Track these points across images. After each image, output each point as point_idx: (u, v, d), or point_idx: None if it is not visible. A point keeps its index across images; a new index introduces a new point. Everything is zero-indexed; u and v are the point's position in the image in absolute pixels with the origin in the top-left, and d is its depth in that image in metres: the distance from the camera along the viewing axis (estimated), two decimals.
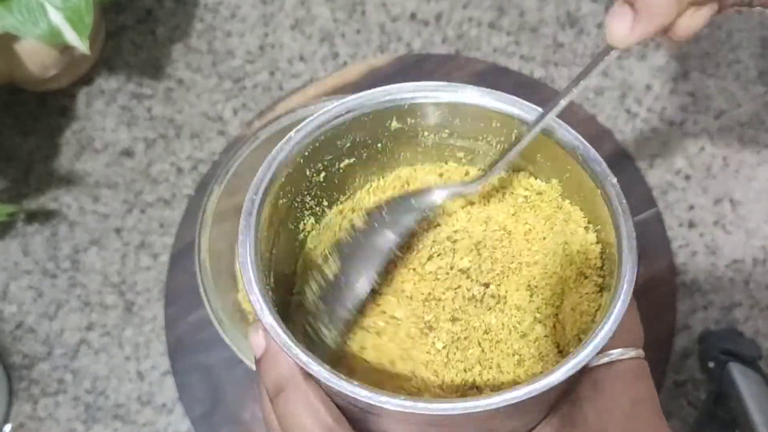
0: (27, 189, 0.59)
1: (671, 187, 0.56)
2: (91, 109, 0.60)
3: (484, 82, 0.57)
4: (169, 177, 0.58)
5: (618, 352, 0.25)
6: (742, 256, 0.54)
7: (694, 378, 0.52)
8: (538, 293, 0.31)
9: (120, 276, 0.57)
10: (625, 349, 0.26)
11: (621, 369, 0.25)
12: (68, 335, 0.56)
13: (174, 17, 0.62)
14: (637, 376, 0.25)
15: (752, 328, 0.53)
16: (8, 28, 0.48)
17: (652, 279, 0.53)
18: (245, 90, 0.60)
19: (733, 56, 0.58)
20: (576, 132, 0.32)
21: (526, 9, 0.60)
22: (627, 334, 0.26)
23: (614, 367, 0.25)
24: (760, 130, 0.56)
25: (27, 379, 0.55)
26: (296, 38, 0.61)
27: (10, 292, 0.57)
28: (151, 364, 0.55)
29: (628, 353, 0.26)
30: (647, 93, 0.57)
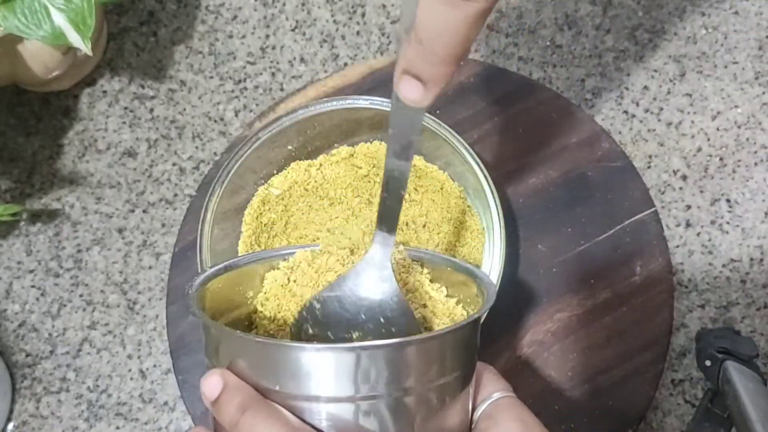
0: (30, 189, 0.59)
1: (668, 187, 0.56)
2: (94, 110, 0.61)
3: (484, 83, 0.57)
4: (171, 177, 0.59)
5: (498, 394, 0.34)
6: (739, 255, 0.54)
7: (691, 376, 0.53)
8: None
9: (122, 275, 0.57)
10: (501, 392, 0.34)
11: (503, 403, 0.34)
12: (71, 334, 0.56)
13: (176, 19, 0.62)
14: (516, 405, 0.33)
15: (749, 327, 0.53)
16: (12, 29, 0.48)
17: (650, 278, 0.53)
18: (246, 91, 0.60)
19: (730, 57, 0.58)
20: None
21: (524, 11, 0.60)
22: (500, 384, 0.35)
23: (498, 402, 0.34)
24: (756, 130, 0.57)
25: (30, 377, 0.56)
26: (297, 40, 0.61)
27: (13, 291, 0.57)
28: (153, 363, 0.55)
29: (504, 394, 0.34)
30: (644, 94, 0.58)
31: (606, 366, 0.52)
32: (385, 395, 0.30)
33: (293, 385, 0.30)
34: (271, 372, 0.30)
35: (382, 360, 0.30)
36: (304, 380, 0.30)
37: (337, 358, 0.29)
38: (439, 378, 0.31)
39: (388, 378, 0.30)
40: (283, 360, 0.30)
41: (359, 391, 0.30)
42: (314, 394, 0.30)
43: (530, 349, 0.52)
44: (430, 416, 0.32)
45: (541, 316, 0.53)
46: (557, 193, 0.55)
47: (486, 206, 0.49)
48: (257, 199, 0.53)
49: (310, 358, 0.30)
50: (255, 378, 0.31)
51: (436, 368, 0.31)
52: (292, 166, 0.54)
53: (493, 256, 0.48)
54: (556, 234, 0.54)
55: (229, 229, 0.52)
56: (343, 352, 0.29)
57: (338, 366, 0.29)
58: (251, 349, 0.31)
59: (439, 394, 0.32)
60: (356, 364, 0.29)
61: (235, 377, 0.31)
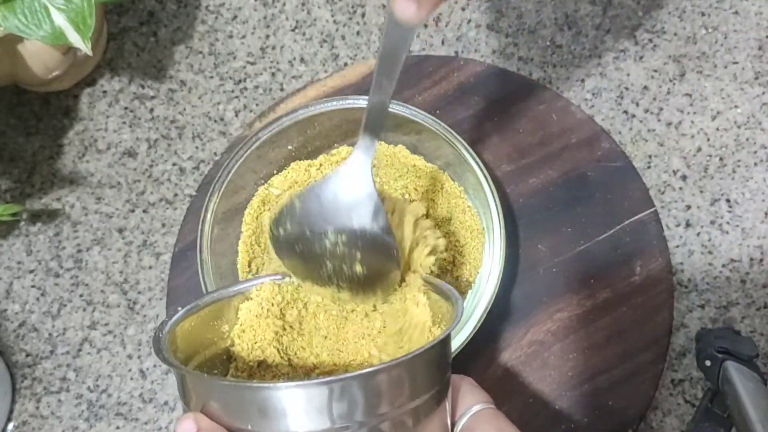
0: (30, 189, 0.59)
1: (668, 187, 0.56)
2: (94, 110, 0.61)
3: (483, 83, 0.58)
4: (171, 177, 0.59)
5: (477, 407, 0.35)
6: (739, 255, 0.54)
7: (691, 376, 0.53)
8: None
9: (122, 275, 0.57)
10: (481, 404, 0.35)
11: (483, 415, 0.34)
12: (71, 334, 0.56)
13: (176, 19, 0.62)
14: (495, 416, 0.34)
15: (749, 327, 0.53)
16: (12, 29, 0.49)
17: (650, 278, 0.53)
18: (246, 91, 0.60)
19: (730, 57, 0.58)
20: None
21: (524, 11, 0.60)
22: (479, 396, 0.35)
23: (477, 415, 0.34)
24: (756, 130, 0.57)
25: (30, 377, 0.56)
26: (297, 40, 0.61)
27: (13, 291, 0.57)
28: (153, 363, 0.55)
29: (483, 406, 0.35)
30: (644, 94, 0.58)
31: (606, 366, 0.52)
32: (360, 424, 0.30)
33: (266, 424, 0.30)
34: (243, 412, 0.30)
35: (353, 390, 0.30)
36: (277, 418, 0.30)
37: (308, 394, 0.29)
38: (413, 400, 0.32)
39: (361, 407, 0.30)
40: (253, 400, 0.30)
41: (334, 423, 0.30)
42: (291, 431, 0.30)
43: (530, 349, 0.52)
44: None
45: (541, 316, 0.53)
46: (557, 193, 0.55)
47: (486, 206, 0.49)
48: (257, 199, 0.53)
49: (280, 397, 0.30)
50: (228, 419, 0.31)
51: (409, 391, 0.31)
52: (292, 166, 0.54)
53: (493, 256, 0.48)
54: (556, 234, 0.54)
55: (229, 229, 0.52)
56: (314, 387, 0.29)
57: (309, 401, 0.29)
58: (221, 391, 0.31)
59: (414, 416, 0.32)
60: (328, 398, 0.29)
61: (207, 421, 0.31)
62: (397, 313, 0.42)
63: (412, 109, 0.50)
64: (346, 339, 0.42)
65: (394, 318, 0.42)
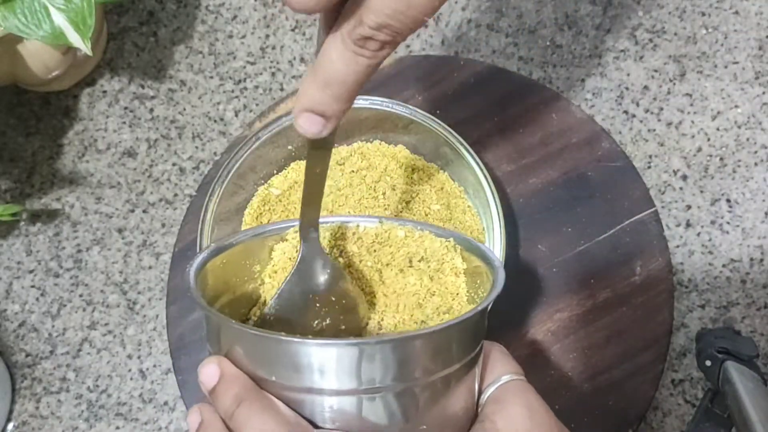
0: (30, 189, 0.59)
1: (668, 187, 0.56)
2: (94, 110, 0.61)
3: (483, 83, 0.57)
4: (171, 177, 0.59)
5: (507, 377, 0.34)
6: (739, 255, 0.54)
7: (691, 376, 0.53)
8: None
9: (122, 275, 0.57)
10: (510, 375, 0.34)
11: (511, 386, 0.33)
12: (71, 334, 0.56)
13: (176, 19, 0.62)
14: (524, 389, 0.33)
15: (749, 327, 0.53)
16: (12, 29, 0.49)
17: (650, 278, 0.53)
18: (246, 91, 0.60)
19: (730, 57, 0.58)
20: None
21: (524, 11, 0.60)
22: (509, 366, 0.35)
23: (506, 386, 0.33)
24: (756, 130, 0.57)
25: (30, 377, 0.56)
26: (297, 40, 0.61)
27: (13, 291, 0.57)
28: (153, 363, 0.55)
29: (513, 377, 0.34)
30: (645, 94, 0.58)
31: (606, 366, 0.52)
32: (390, 388, 0.30)
33: (292, 377, 0.30)
34: (269, 363, 0.30)
35: (386, 354, 0.29)
36: (304, 373, 0.30)
37: (339, 354, 0.29)
38: (445, 368, 0.31)
39: (393, 372, 0.30)
40: (281, 352, 0.30)
41: (361, 384, 0.29)
42: (315, 387, 0.30)
43: (530, 349, 0.52)
44: (435, 404, 0.31)
45: (541, 316, 0.53)
46: (557, 193, 0.55)
47: (486, 206, 0.49)
48: (257, 199, 0.53)
49: (310, 353, 0.29)
50: (252, 367, 0.31)
51: (441, 359, 0.31)
52: (292, 166, 0.54)
53: None
54: (556, 234, 0.54)
55: (229, 229, 0.52)
56: (345, 347, 0.29)
57: (340, 361, 0.29)
58: (249, 339, 0.31)
59: (444, 383, 0.31)
60: (358, 359, 0.29)
61: (231, 367, 0.31)
62: (435, 274, 0.41)
63: (412, 109, 0.50)
64: (381, 293, 0.42)
65: (429, 277, 0.41)
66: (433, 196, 0.53)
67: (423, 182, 0.53)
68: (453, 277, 0.41)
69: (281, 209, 0.53)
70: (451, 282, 0.41)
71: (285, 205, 0.53)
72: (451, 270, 0.41)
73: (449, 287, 0.41)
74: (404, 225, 0.43)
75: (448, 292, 0.41)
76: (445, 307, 0.40)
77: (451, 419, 0.32)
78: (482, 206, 0.51)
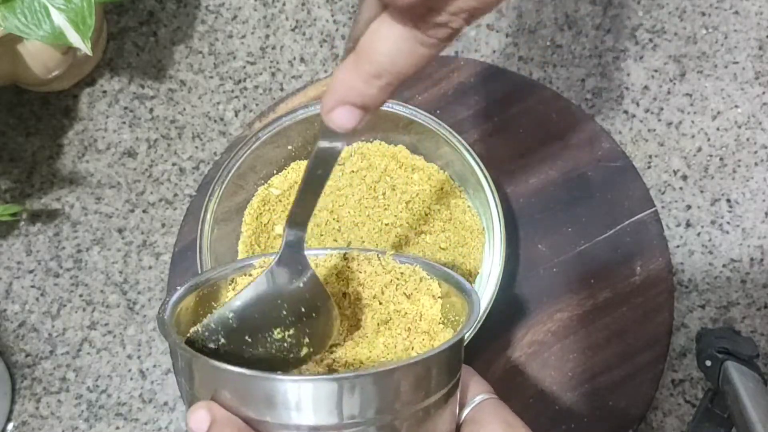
0: (30, 189, 0.59)
1: (668, 187, 0.56)
2: (94, 110, 0.61)
3: (483, 83, 0.57)
4: (171, 177, 0.59)
5: (479, 397, 0.35)
6: (739, 255, 0.54)
7: (691, 376, 0.53)
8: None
9: (122, 275, 0.57)
10: (483, 395, 0.35)
11: (486, 406, 0.34)
12: (71, 334, 0.56)
13: (176, 19, 0.62)
14: (499, 407, 0.34)
15: (749, 327, 0.53)
16: (12, 29, 0.48)
17: (650, 278, 0.53)
18: (246, 91, 0.60)
19: (730, 57, 0.58)
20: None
21: (524, 11, 0.60)
22: (481, 386, 0.35)
23: (480, 406, 0.34)
24: (756, 130, 0.57)
25: (30, 377, 0.56)
26: (297, 40, 0.61)
27: (13, 291, 0.57)
28: (153, 363, 0.55)
29: (485, 396, 0.35)
30: (645, 94, 0.58)
31: (606, 366, 0.52)
32: (370, 421, 0.30)
33: (282, 415, 0.30)
34: (259, 403, 0.30)
35: (364, 388, 0.29)
36: (293, 411, 0.29)
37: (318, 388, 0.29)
38: (426, 398, 0.31)
39: (373, 404, 0.30)
40: (273, 391, 0.30)
41: (343, 419, 0.30)
42: (304, 424, 0.30)
43: (530, 349, 0.52)
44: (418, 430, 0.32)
45: (541, 316, 0.53)
46: (557, 193, 0.55)
47: (486, 206, 0.49)
48: (257, 199, 0.53)
49: (299, 389, 0.29)
50: (241, 408, 0.30)
51: (424, 390, 0.31)
52: (292, 166, 0.54)
53: (493, 256, 0.48)
54: (556, 234, 0.54)
55: (229, 229, 0.52)
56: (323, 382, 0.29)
57: (319, 396, 0.29)
58: (240, 381, 0.30)
59: (425, 412, 0.32)
60: (338, 394, 0.29)
61: (222, 410, 0.30)
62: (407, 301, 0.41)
63: (412, 109, 0.50)
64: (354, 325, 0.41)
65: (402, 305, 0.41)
66: (433, 196, 0.53)
67: (423, 182, 0.53)
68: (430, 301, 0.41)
69: (281, 209, 0.53)
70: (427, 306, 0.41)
71: (285, 205, 0.53)
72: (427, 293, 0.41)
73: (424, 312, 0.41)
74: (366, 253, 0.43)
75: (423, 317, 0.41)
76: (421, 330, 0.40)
77: None
78: (482, 206, 0.51)
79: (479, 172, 0.49)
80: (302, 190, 0.34)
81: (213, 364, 0.31)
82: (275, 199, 0.53)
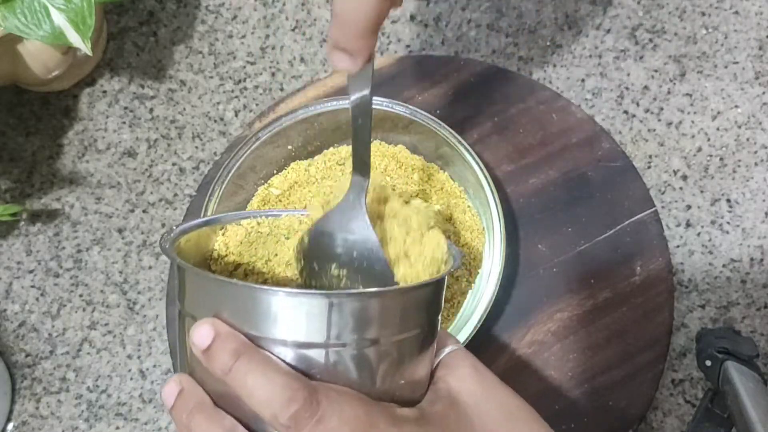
0: (30, 189, 0.59)
1: (668, 187, 0.56)
2: (94, 110, 0.61)
3: (483, 83, 0.57)
4: (171, 177, 0.59)
5: (449, 348, 0.38)
6: (739, 255, 0.54)
7: (691, 376, 0.53)
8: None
9: (122, 275, 0.57)
10: (452, 346, 0.38)
11: (456, 353, 0.37)
12: (71, 334, 0.56)
13: (176, 19, 0.62)
14: (468, 355, 0.37)
15: (749, 327, 0.53)
16: (12, 29, 0.48)
17: (650, 278, 0.53)
18: (246, 91, 0.60)
19: (730, 57, 0.58)
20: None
21: (524, 11, 0.60)
22: (450, 339, 0.39)
23: (451, 354, 0.37)
24: (756, 130, 0.57)
25: (30, 377, 0.56)
26: (297, 40, 0.61)
27: (13, 291, 0.57)
28: (153, 363, 0.55)
29: (455, 347, 0.38)
30: (645, 94, 0.58)
31: (606, 366, 0.52)
32: (355, 343, 0.32)
33: (272, 329, 0.31)
34: (257, 318, 0.32)
35: (347, 309, 0.32)
36: (295, 328, 0.31)
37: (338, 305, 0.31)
38: (407, 330, 0.34)
39: (353, 327, 0.32)
40: (267, 304, 0.31)
41: (329, 338, 0.32)
42: (307, 341, 0.32)
43: (530, 349, 0.52)
44: (395, 364, 0.34)
45: (541, 316, 0.53)
46: (557, 193, 0.55)
47: (486, 206, 0.49)
48: (257, 199, 0.53)
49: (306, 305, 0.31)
50: (245, 326, 0.32)
51: (404, 320, 0.34)
52: (292, 166, 0.54)
53: (493, 256, 0.48)
54: (556, 234, 0.54)
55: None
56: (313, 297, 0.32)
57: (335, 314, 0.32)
58: (242, 296, 0.32)
59: (404, 345, 0.34)
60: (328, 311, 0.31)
61: (225, 325, 0.32)
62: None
63: (412, 109, 0.50)
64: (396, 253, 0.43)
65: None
66: (433, 196, 0.53)
67: (423, 182, 0.53)
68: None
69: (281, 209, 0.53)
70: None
71: (285, 205, 0.53)
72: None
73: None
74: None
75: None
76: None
77: (416, 380, 0.35)
78: (482, 206, 0.51)
79: (479, 172, 0.49)
80: (353, 142, 0.39)
81: (215, 278, 0.33)
82: (275, 199, 0.53)
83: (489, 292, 0.48)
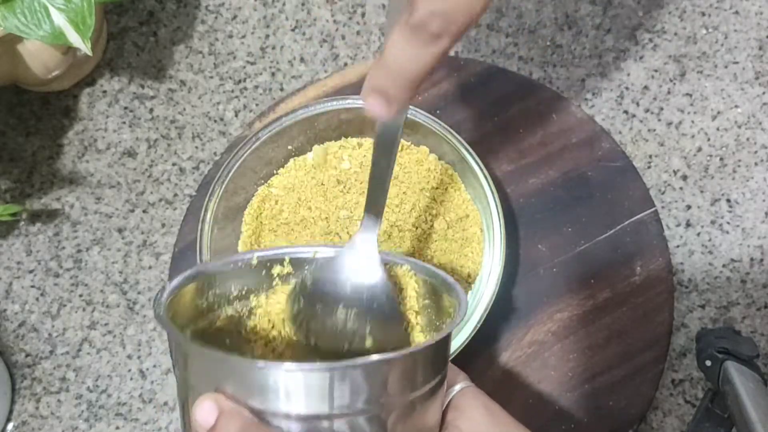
0: (30, 189, 0.59)
1: (668, 187, 0.56)
2: (94, 110, 0.61)
3: (483, 83, 0.57)
4: (171, 177, 0.59)
5: (459, 386, 0.37)
6: (739, 255, 0.54)
7: (691, 376, 0.53)
8: None
9: (122, 275, 0.57)
10: (462, 383, 0.37)
11: (466, 393, 0.36)
12: (71, 334, 0.56)
13: (176, 19, 0.62)
14: (479, 394, 0.36)
15: (749, 327, 0.53)
16: (12, 29, 0.48)
17: (650, 278, 0.53)
18: (246, 91, 0.60)
19: (730, 57, 0.58)
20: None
21: (524, 11, 0.60)
22: (459, 376, 0.38)
23: (461, 393, 0.36)
24: (756, 130, 0.57)
25: (29, 377, 0.56)
26: (297, 40, 0.61)
27: (13, 291, 0.57)
28: (153, 363, 0.55)
29: (464, 385, 0.37)
30: (645, 94, 0.58)
31: (606, 366, 0.52)
32: (361, 411, 0.31)
33: (273, 403, 0.30)
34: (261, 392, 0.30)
35: (350, 379, 0.30)
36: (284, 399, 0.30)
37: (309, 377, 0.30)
38: (414, 391, 0.32)
39: (359, 395, 0.30)
40: (269, 379, 0.30)
41: (333, 408, 0.30)
42: (293, 413, 0.30)
43: (530, 349, 0.52)
44: (407, 422, 0.32)
45: (541, 316, 0.53)
46: (557, 193, 0.55)
47: (486, 206, 0.49)
48: (257, 199, 0.53)
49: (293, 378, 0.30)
50: (245, 398, 0.30)
51: (411, 382, 0.32)
52: (292, 166, 0.54)
53: (493, 256, 0.48)
54: (556, 234, 0.54)
55: (229, 229, 0.52)
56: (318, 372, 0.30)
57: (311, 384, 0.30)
58: (243, 370, 0.31)
59: (413, 405, 0.33)
60: (329, 383, 0.30)
61: (229, 402, 0.30)
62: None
63: (412, 109, 0.50)
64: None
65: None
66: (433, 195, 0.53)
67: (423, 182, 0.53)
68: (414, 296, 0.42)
69: (281, 209, 0.53)
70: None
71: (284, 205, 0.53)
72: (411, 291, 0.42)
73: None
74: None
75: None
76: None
77: (427, 429, 0.34)
78: (482, 206, 0.51)
79: (479, 172, 0.49)
80: (370, 181, 0.37)
81: (217, 355, 0.31)
82: (275, 199, 0.53)
83: (489, 292, 0.48)
